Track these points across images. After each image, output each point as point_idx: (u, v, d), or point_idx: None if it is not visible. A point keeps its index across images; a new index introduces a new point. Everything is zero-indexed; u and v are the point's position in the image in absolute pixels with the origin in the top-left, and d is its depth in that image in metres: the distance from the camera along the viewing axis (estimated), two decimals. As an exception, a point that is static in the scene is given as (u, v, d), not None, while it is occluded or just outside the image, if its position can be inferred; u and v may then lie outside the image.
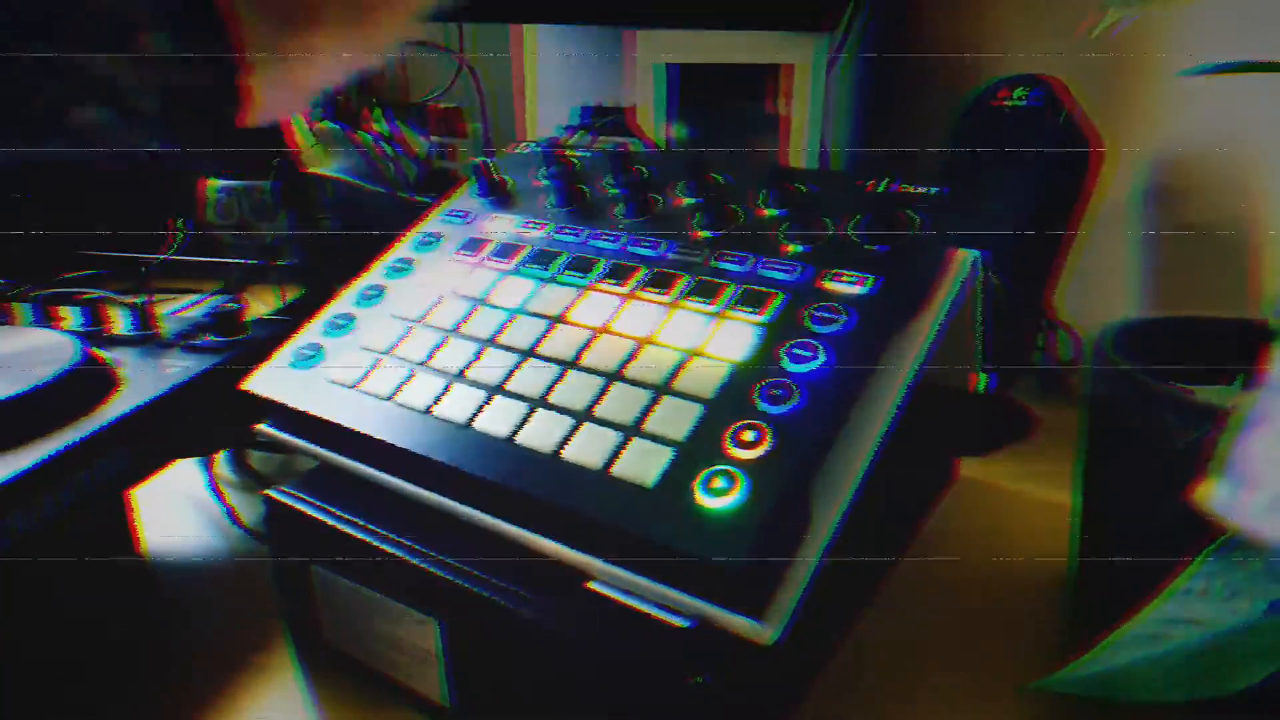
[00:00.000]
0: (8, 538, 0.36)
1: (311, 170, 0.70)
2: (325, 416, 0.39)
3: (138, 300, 0.54)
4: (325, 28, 0.37)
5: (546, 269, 0.44)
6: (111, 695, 0.42)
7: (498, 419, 0.36)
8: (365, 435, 0.38)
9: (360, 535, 0.38)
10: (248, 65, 0.34)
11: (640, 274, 0.42)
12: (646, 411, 0.35)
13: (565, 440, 0.35)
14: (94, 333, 0.52)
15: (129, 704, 0.42)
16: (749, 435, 0.33)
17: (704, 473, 0.32)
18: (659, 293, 0.41)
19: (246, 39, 0.34)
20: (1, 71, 0.30)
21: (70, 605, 0.42)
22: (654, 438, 0.34)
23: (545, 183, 0.49)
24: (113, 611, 0.45)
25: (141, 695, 0.42)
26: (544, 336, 0.40)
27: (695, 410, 0.34)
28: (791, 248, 0.41)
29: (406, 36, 0.41)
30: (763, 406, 0.34)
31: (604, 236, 0.45)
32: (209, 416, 0.47)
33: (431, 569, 0.36)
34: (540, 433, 0.35)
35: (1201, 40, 0.64)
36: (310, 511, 0.39)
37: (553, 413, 0.36)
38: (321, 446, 0.40)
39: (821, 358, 0.35)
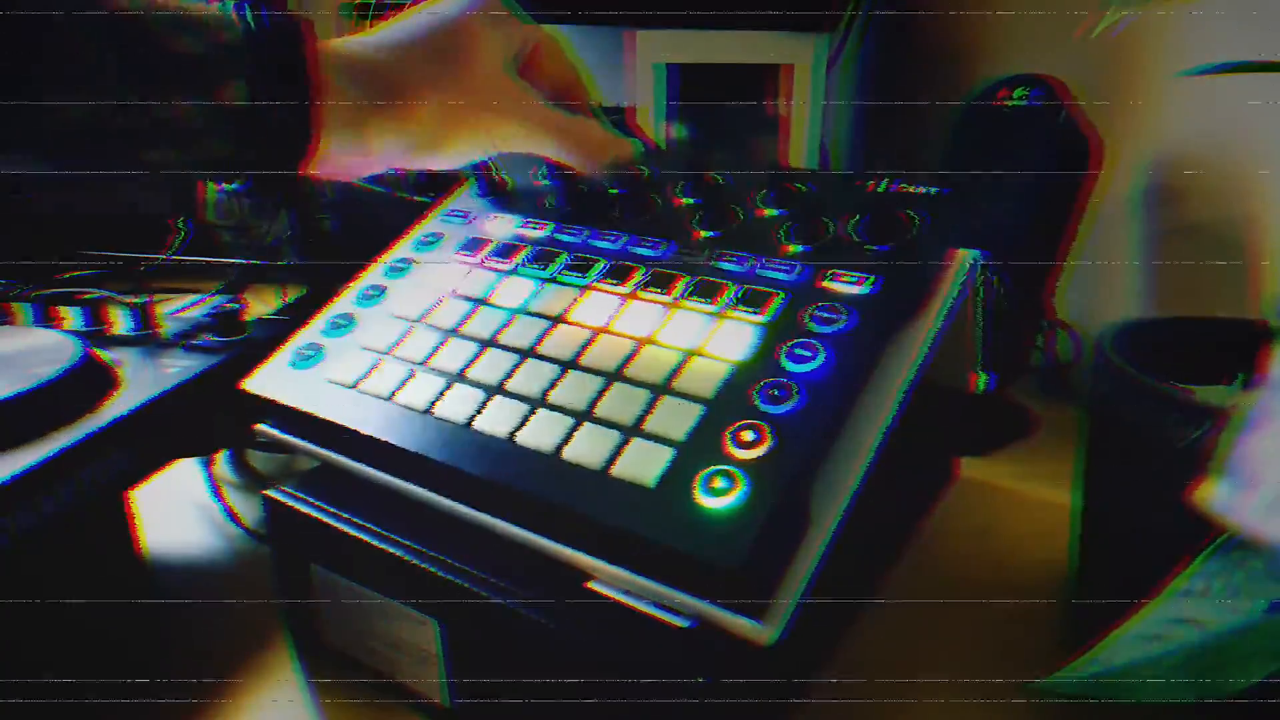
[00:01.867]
0: (8, 538, 0.36)
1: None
2: (325, 416, 0.39)
3: (138, 300, 0.54)
4: (410, 120, 0.36)
5: (546, 269, 0.44)
6: (111, 695, 0.42)
7: (498, 419, 0.36)
8: (365, 435, 0.38)
9: (360, 535, 0.38)
10: (322, 129, 0.34)
11: (640, 274, 0.42)
12: (646, 411, 0.35)
13: (565, 440, 0.35)
14: (94, 333, 0.52)
15: (129, 704, 0.42)
16: (749, 435, 0.33)
17: (704, 473, 0.32)
18: (659, 293, 0.40)
19: (328, 105, 0.34)
20: (78, 103, 0.30)
21: (70, 605, 0.42)
22: (654, 438, 0.34)
23: (545, 183, 0.49)
24: (113, 611, 0.45)
25: (142, 695, 0.42)
26: (544, 336, 0.40)
27: (695, 410, 0.34)
28: (791, 248, 0.41)
29: (486, 150, 0.40)
30: (763, 406, 0.34)
31: (604, 236, 0.45)
32: (209, 416, 0.47)
33: (431, 569, 0.36)
34: (540, 433, 0.35)
35: (1201, 40, 0.64)
36: (310, 511, 0.39)
37: (553, 413, 0.36)
38: (321, 446, 0.40)
39: (821, 358, 0.35)
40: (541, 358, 0.39)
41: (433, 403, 0.38)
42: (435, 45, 0.37)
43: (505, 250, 0.46)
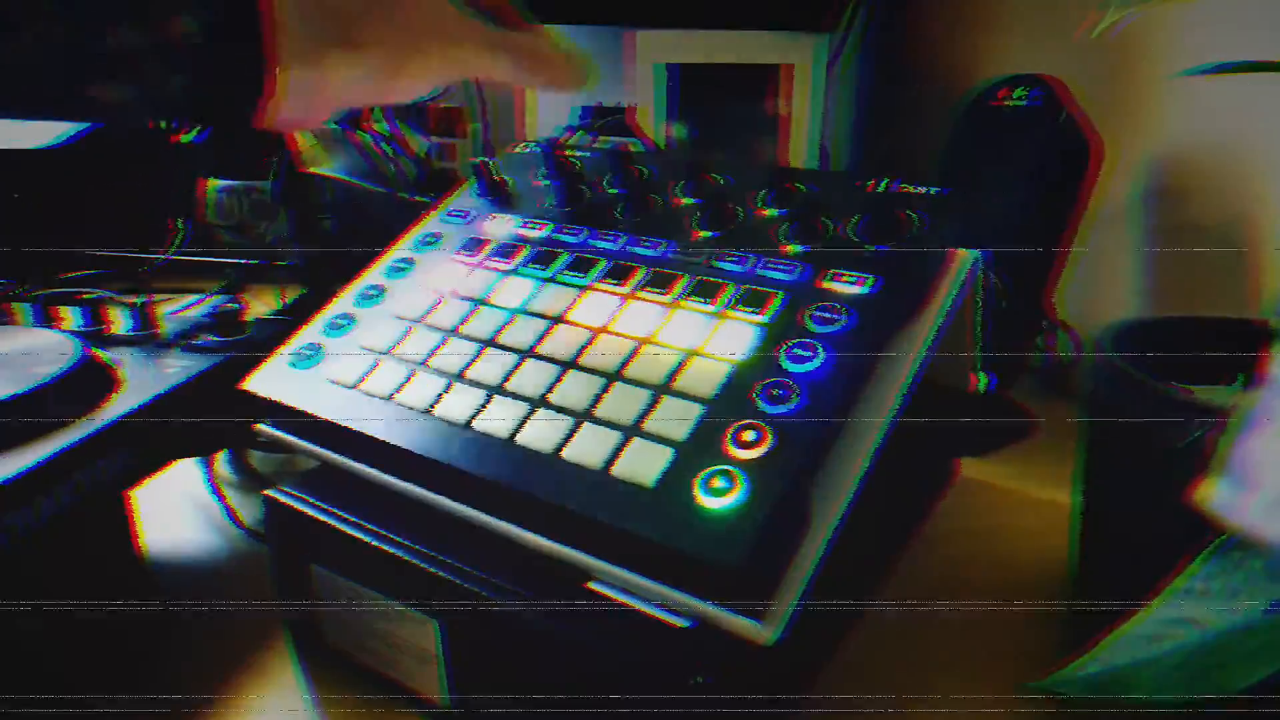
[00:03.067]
0: (8, 538, 0.36)
1: (311, 170, 0.70)
2: (325, 416, 0.39)
3: (138, 300, 0.54)
4: (365, 50, 0.36)
5: (546, 269, 0.44)
6: (112, 695, 0.42)
7: (498, 419, 0.36)
8: (365, 435, 0.38)
9: (360, 535, 0.38)
10: (277, 66, 0.34)
11: (640, 274, 0.42)
12: (646, 411, 0.35)
13: (565, 440, 0.35)
14: (94, 333, 0.52)
15: (129, 704, 0.42)
16: (749, 435, 0.33)
17: (704, 473, 0.32)
18: (659, 293, 0.40)
19: (281, 42, 0.34)
20: (20, 43, 0.29)
21: (70, 605, 0.42)
22: (654, 438, 0.34)
23: (545, 183, 0.49)
24: (112, 611, 0.45)
25: (142, 695, 0.42)
26: (544, 336, 0.40)
27: (695, 410, 0.34)
28: (791, 248, 0.41)
29: (445, 78, 0.40)
30: (763, 406, 0.34)
31: (604, 236, 0.45)
32: (209, 416, 0.47)
33: (431, 569, 0.36)
34: (540, 433, 0.35)
35: (1201, 40, 0.64)
36: (310, 511, 0.39)
37: (553, 413, 0.36)
38: (321, 446, 0.40)
39: (821, 358, 0.35)
40: (541, 358, 0.39)
41: (433, 403, 0.38)
42: None
43: (505, 250, 0.46)
